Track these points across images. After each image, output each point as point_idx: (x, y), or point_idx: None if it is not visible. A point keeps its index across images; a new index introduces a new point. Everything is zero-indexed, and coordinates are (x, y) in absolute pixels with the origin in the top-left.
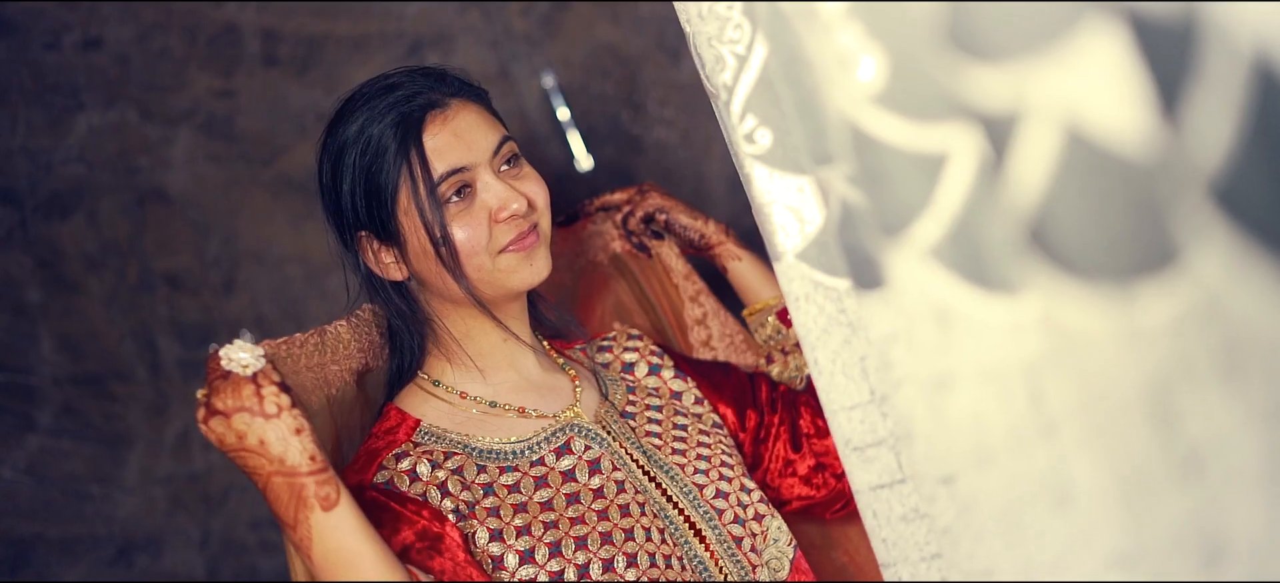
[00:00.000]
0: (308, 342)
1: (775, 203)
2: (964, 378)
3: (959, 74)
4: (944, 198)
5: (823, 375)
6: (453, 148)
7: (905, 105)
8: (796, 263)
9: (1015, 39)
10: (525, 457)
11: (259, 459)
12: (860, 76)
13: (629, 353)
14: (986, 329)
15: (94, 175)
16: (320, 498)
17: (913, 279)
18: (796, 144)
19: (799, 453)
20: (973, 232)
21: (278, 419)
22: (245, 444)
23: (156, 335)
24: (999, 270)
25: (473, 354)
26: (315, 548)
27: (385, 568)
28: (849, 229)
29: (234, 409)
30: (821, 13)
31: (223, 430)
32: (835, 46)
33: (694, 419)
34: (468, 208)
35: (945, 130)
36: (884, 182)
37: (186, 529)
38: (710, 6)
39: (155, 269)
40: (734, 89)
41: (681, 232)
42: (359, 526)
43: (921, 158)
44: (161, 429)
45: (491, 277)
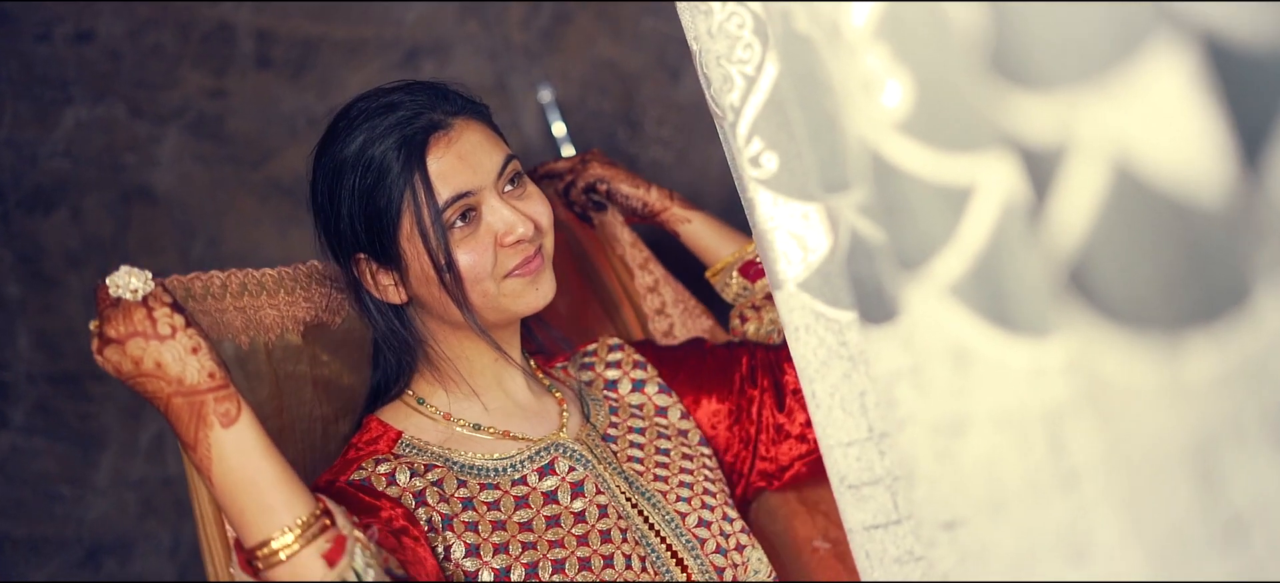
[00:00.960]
0: (231, 280)
1: (778, 229)
2: (979, 421)
3: (1000, 102)
4: (968, 232)
5: (820, 409)
6: (457, 172)
7: (931, 133)
8: (798, 292)
9: (1066, 66)
10: (507, 475)
11: (158, 382)
12: (884, 101)
13: (611, 370)
14: (1006, 372)
15: (79, 171)
16: (220, 415)
17: (929, 316)
18: (805, 169)
19: (786, 413)
20: (997, 269)
21: (172, 340)
22: (142, 370)
23: None
24: (1025, 311)
25: (464, 375)
26: (215, 467)
27: (288, 489)
28: (858, 260)
29: (126, 335)
30: (846, 33)
31: (118, 359)
32: (859, 69)
33: (678, 440)
34: (473, 233)
35: (972, 161)
36: (904, 213)
37: (157, 534)
38: (721, 24)
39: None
40: (741, 110)
41: (624, 201)
42: (260, 443)
43: (945, 190)
44: (136, 432)
45: (496, 302)
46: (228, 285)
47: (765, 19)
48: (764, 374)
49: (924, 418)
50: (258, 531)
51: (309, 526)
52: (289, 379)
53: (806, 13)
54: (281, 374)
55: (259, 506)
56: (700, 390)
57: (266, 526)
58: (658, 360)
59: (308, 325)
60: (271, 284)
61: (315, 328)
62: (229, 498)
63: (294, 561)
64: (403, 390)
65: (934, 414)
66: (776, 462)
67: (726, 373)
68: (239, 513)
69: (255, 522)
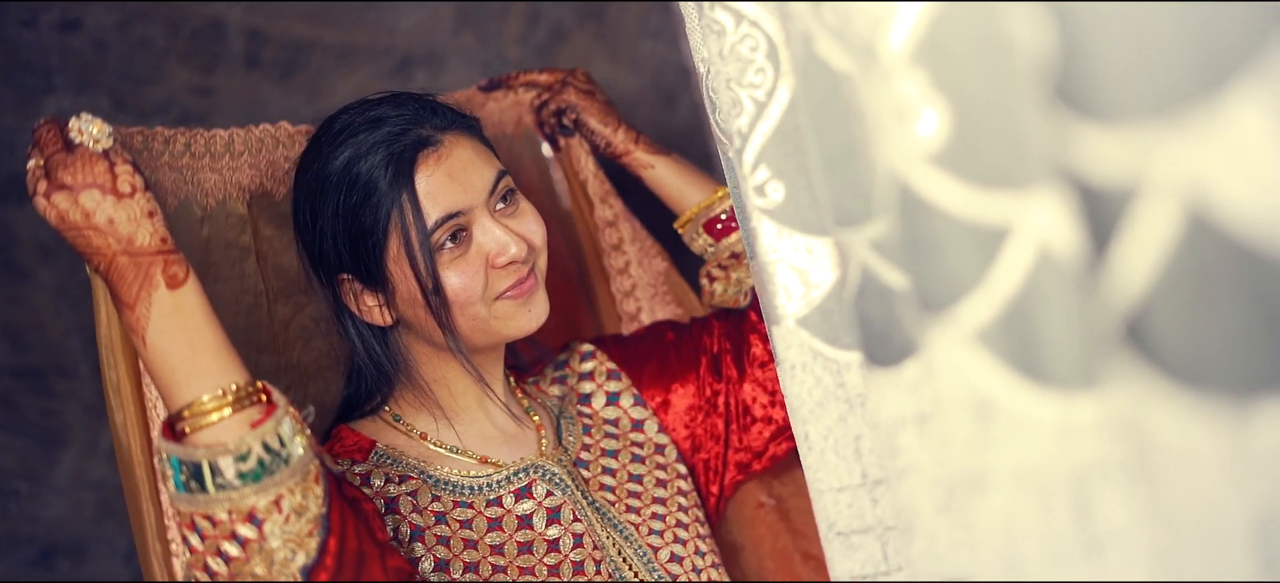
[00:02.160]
0: (175, 138)
1: (780, 262)
2: (998, 478)
3: (1061, 134)
4: (1000, 276)
5: (812, 452)
6: (447, 190)
7: (967, 167)
8: (796, 329)
9: (1141, 99)
10: (482, 494)
11: (105, 239)
12: (919, 131)
13: (585, 382)
14: (1032, 427)
15: None
16: (167, 277)
17: (951, 363)
18: (815, 202)
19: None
20: (1028, 317)
21: (130, 199)
22: (92, 223)
23: None
24: (1056, 364)
25: (444, 398)
26: (151, 327)
27: (226, 356)
28: (868, 298)
29: (83, 185)
30: (882, 57)
31: (67, 206)
32: (893, 96)
33: (653, 460)
34: (463, 254)
35: (1011, 200)
36: (932, 251)
37: (113, 538)
38: (733, 46)
39: None
40: (749, 136)
41: (589, 135)
42: (203, 308)
43: (979, 229)
44: (99, 432)
45: (486, 325)
46: (171, 143)
47: (780, 43)
48: (730, 363)
49: (929, 469)
50: (187, 391)
51: (244, 394)
52: (229, 249)
53: (837, 35)
54: (217, 244)
55: (192, 367)
56: (671, 383)
57: (197, 386)
58: (624, 361)
59: (252, 194)
60: (219, 147)
61: (260, 197)
62: (161, 359)
63: (224, 425)
64: (379, 408)
65: (949, 467)
66: (750, 449)
67: (693, 364)
68: (170, 374)
69: (186, 383)
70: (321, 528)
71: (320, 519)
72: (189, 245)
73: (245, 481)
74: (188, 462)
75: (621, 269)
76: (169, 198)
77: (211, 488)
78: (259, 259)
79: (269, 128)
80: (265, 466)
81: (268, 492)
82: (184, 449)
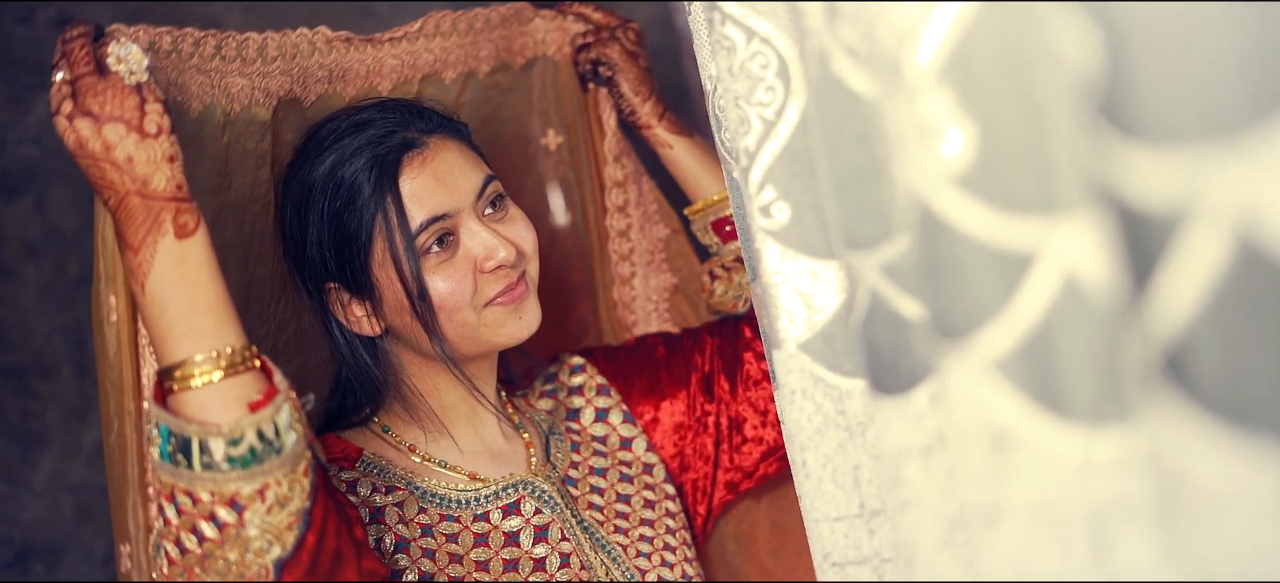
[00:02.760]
0: (206, 40)
1: (784, 285)
2: (1012, 513)
3: (1104, 155)
4: (1023, 303)
5: (810, 480)
6: (432, 192)
7: (992, 190)
8: (797, 353)
9: (1193, 120)
10: (469, 508)
11: (120, 175)
12: (943, 151)
13: (574, 397)
14: (1050, 461)
15: (48, 160)
16: (176, 225)
17: (968, 392)
18: (823, 224)
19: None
20: (1050, 347)
21: (154, 140)
22: (110, 157)
23: (89, 336)
24: (1078, 397)
25: (434, 410)
26: (152, 273)
27: (224, 315)
28: (877, 324)
29: (109, 117)
30: (907, 74)
31: (89, 134)
32: (917, 114)
33: (641, 481)
34: (450, 258)
35: (1038, 225)
36: (951, 275)
37: (90, 543)
38: (743, 63)
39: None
40: (756, 155)
41: (618, 98)
42: (209, 263)
43: (1002, 254)
44: (80, 435)
45: (476, 333)
46: (201, 45)
47: (792, 61)
48: (722, 381)
49: (932, 501)
50: (180, 347)
51: (238, 359)
52: (245, 156)
53: (854, 53)
54: (236, 151)
55: (188, 323)
56: (660, 400)
57: (191, 344)
58: (614, 375)
59: (280, 100)
60: (251, 51)
61: (287, 103)
62: (158, 309)
63: (211, 389)
64: (368, 419)
65: (958, 499)
66: (741, 469)
67: (684, 381)
68: (165, 326)
69: (180, 338)
70: (302, 522)
71: (302, 513)
72: (211, 152)
73: (233, 465)
74: (177, 434)
75: (621, 232)
76: (194, 102)
77: (197, 466)
78: (274, 166)
79: (306, 33)
80: (256, 453)
81: (254, 480)
82: (176, 421)
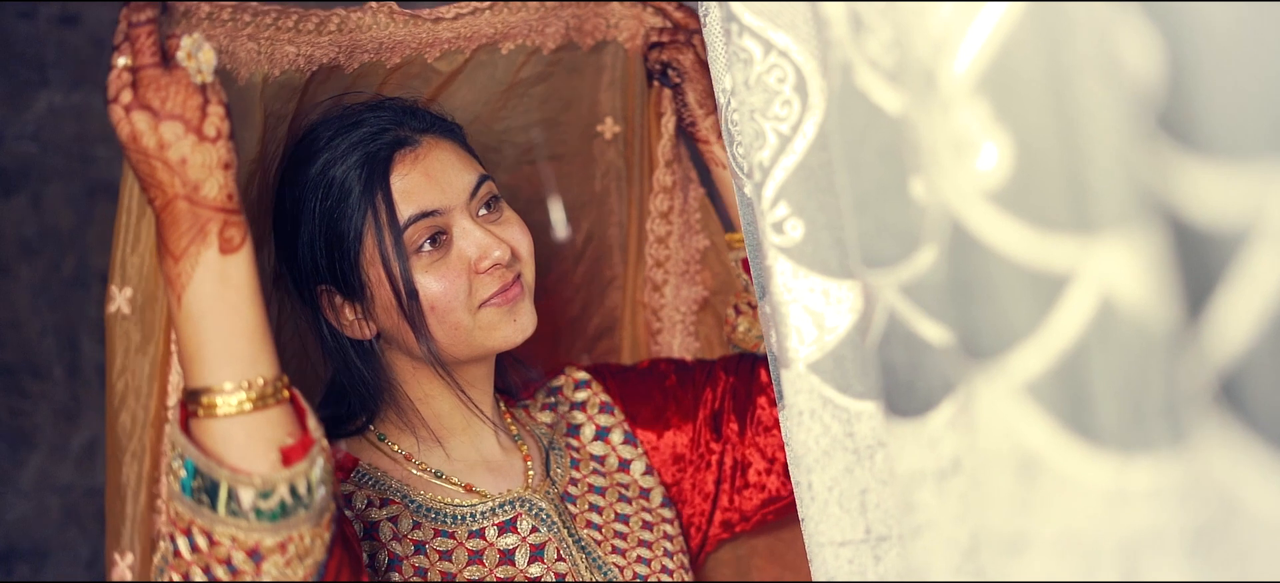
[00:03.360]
0: (265, 13)
1: (794, 303)
2: (1039, 541)
3: (1164, 169)
4: (1057, 324)
5: (815, 502)
6: (423, 189)
7: (1027, 208)
8: (806, 374)
9: (1259, 133)
10: (464, 525)
11: (171, 176)
12: (977, 166)
13: (576, 412)
14: (1081, 489)
15: (46, 157)
16: (223, 238)
17: (995, 415)
18: (838, 242)
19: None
20: (1084, 371)
21: (212, 145)
22: (164, 155)
23: (81, 336)
24: (1112, 423)
25: (428, 419)
26: (191, 287)
27: (260, 343)
28: (894, 345)
29: (169, 114)
30: (942, 85)
31: (144, 129)
32: (952, 127)
33: (639, 503)
34: (443, 258)
35: (1076, 245)
36: (983, 294)
37: (76, 545)
38: (759, 76)
39: (93, 267)
40: (770, 170)
41: (681, 106)
42: (251, 284)
43: (1036, 274)
44: (69, 436)
45: (470, 336)
46: (261, 17)
47: (810, 74)
48: (732, 422)
49: (947, 527)
50: (210, 371)
51: (269, 391)
52: (272, 118)
53: (876, 65)
54: (270, 118)
55: (222, 345)
56: (665, 429)
57: (222, 369)
58: (621, 396)
59: (322, 66)
60: (310, 25)
61: (329, 69)
62: (193, 326)
63: (238, 421)
64: (364, 427)
65: (979, 526)
66: (740, 511)
67: (691, 414)
68: (197, 347)
69: (212, 361)
70: (317, 572)
71: (319, 565)
72: (252, 120)
73: (261, 517)
74: (205, 474)
75: (660, 238)
76: (242, 70)
77: (222, 510)
78: (294, 121)
79: (372, 7)
80: (286, 508)
81: (279, 533)
82: (206, 462)
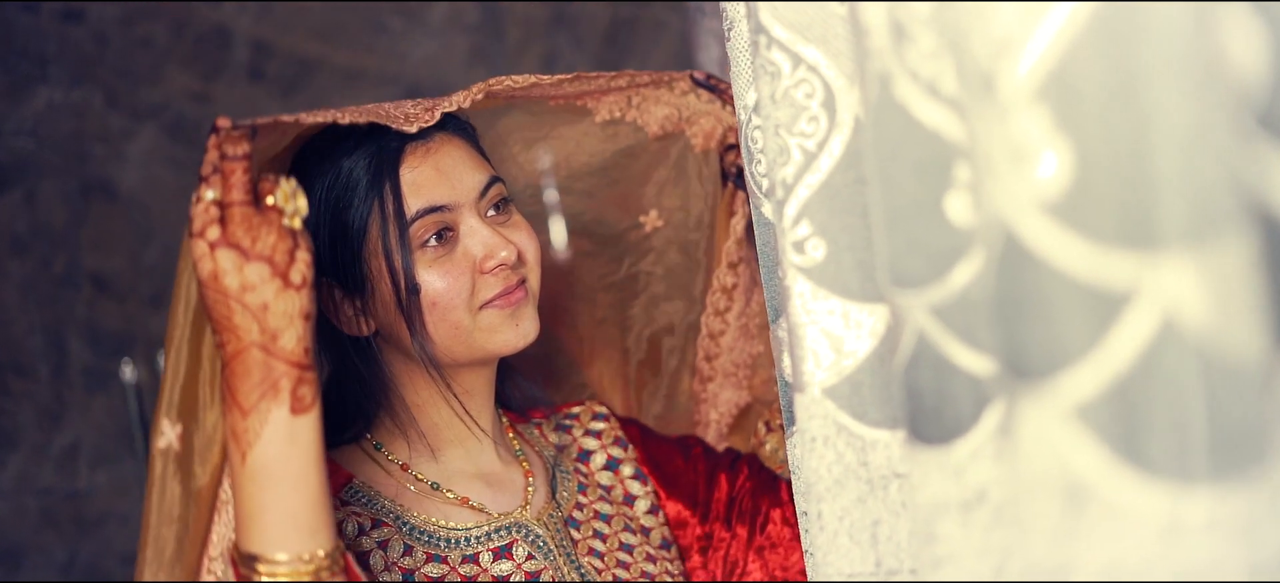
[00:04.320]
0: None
1: (812, 325)
2: (1082, 574)
3: (1263, 172)
4: (1114, 345)
5: (823, 533)
6: (433, 183)
7: (1088, 221)
8: (821, 399)
9: None
10: (458, 549)
11: (249, 322)
12: (1036, 175)
13: (589, 438)
14: (1133, 521)
15: (42, 153)
16: (295, 397)
17: (1042, 440)
18: (860, 264)
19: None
20: (1143, 395)
21: (295, 293)
22: (245, 299)
23: (68, 335)
24: (1168, 451)
25: (426, 426)
26: (258, 445)
27: (322, 512)
28: (922, 368)
29: (257, 256)
30: (1002, 90)
31: (229, 267)
32: (1010, 134)
33: (641, 536)
34: (447, 254)
35: (1137, 261)
36: (1034, 311)
37: (52, 548)
38: (786, 90)
39: (84, 265)
40: (793, 188)
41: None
42: (316, 448)
43: (1095, 291)
44: (51, 436)
45: (470, 337)
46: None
47: (839, 90)
48: (743, 522)
49: (969, 560)
50: (269, 539)
51: (324, 566)
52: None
53: (915, 76)
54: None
55: (283, 512)
56: (677, 496)
57: (281, 538)
58: (642, 445)
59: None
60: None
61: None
62: (256, 487)
63: None
64: (361, 434)
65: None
66: None
67: (705, 500)
68: (257, 509)
69: (272, 528)
70: None
71: None
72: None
73: None
74: None
75: (713, 334)
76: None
77: None
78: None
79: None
80: None
81: None
82: None
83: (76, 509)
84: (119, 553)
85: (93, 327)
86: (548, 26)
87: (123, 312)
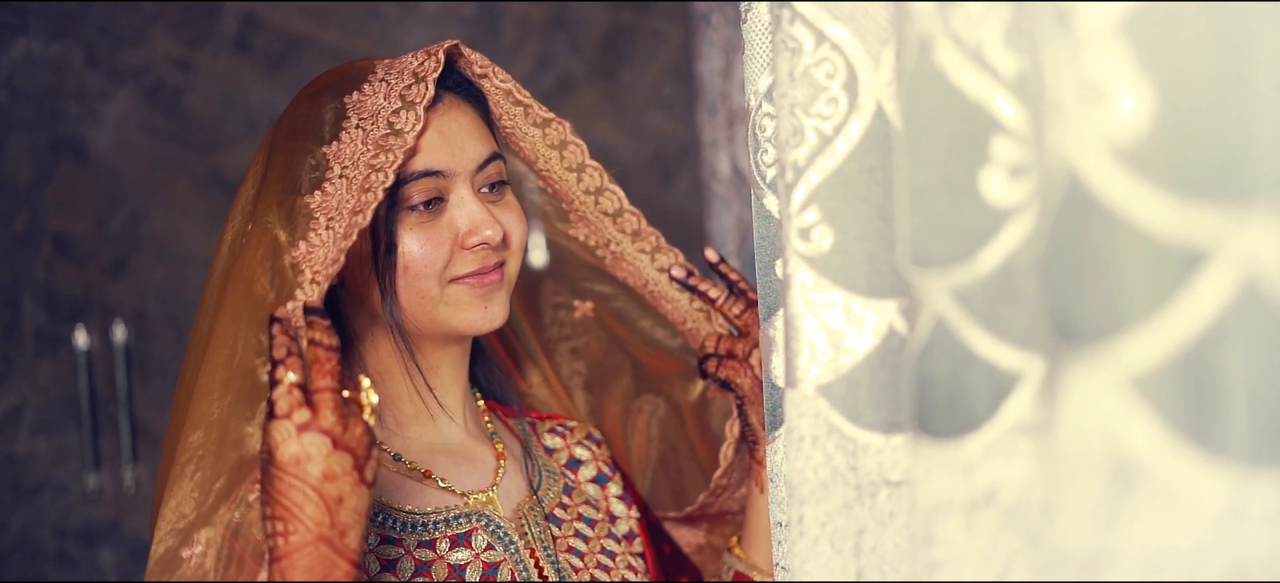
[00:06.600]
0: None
1: (810, 318)
2: (1128, 560)
3: None
4: (1184, 308)
5: (804, 538)
6: (433, 146)
7: (1165, 170)
8: (814, 396)
9: None
10: (414, 533)
11: (322, 514)
12: (1110, 118)
13: (581, 449)
14: (1188, 505)
15: (14, 106)
16: None
17: (1092, 410)
18: (871, 256)
19: None
20: (1210, 366)
21: (367, 490)
22: (323, 488)
23: (23, 296)
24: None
25: (390, 397)
26: None
27: None
28: (937, 357)
29: (345, 446)
30: (1079, 25)
31: (315, 453)
32: (1084, 72)
33: (625, 547)
34: (431, 222)
35: (1218, 216)
36: (1095, 265)
37: None
38: (807, 69)
39: (46, 226)
40: (804, 172)
41: (745, 426)
42: None
43: (1167, 246)
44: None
45: (434, 309)
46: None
47: (863, 72)
48: None
49: (969, 564)
50: None
51: None
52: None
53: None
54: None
55: None
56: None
57: None
58: (629, 484)
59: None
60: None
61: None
62: None
63: None
64: None
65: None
66: None
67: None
68: None
69: None
70: None
71: None
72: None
73: None
74: None
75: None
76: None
77: None
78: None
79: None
80: None
81: None
82: None
83: (14, 476)
84: (53, 525)
85: (49, 290)
86: (545, 28)
87: (82, 277)
